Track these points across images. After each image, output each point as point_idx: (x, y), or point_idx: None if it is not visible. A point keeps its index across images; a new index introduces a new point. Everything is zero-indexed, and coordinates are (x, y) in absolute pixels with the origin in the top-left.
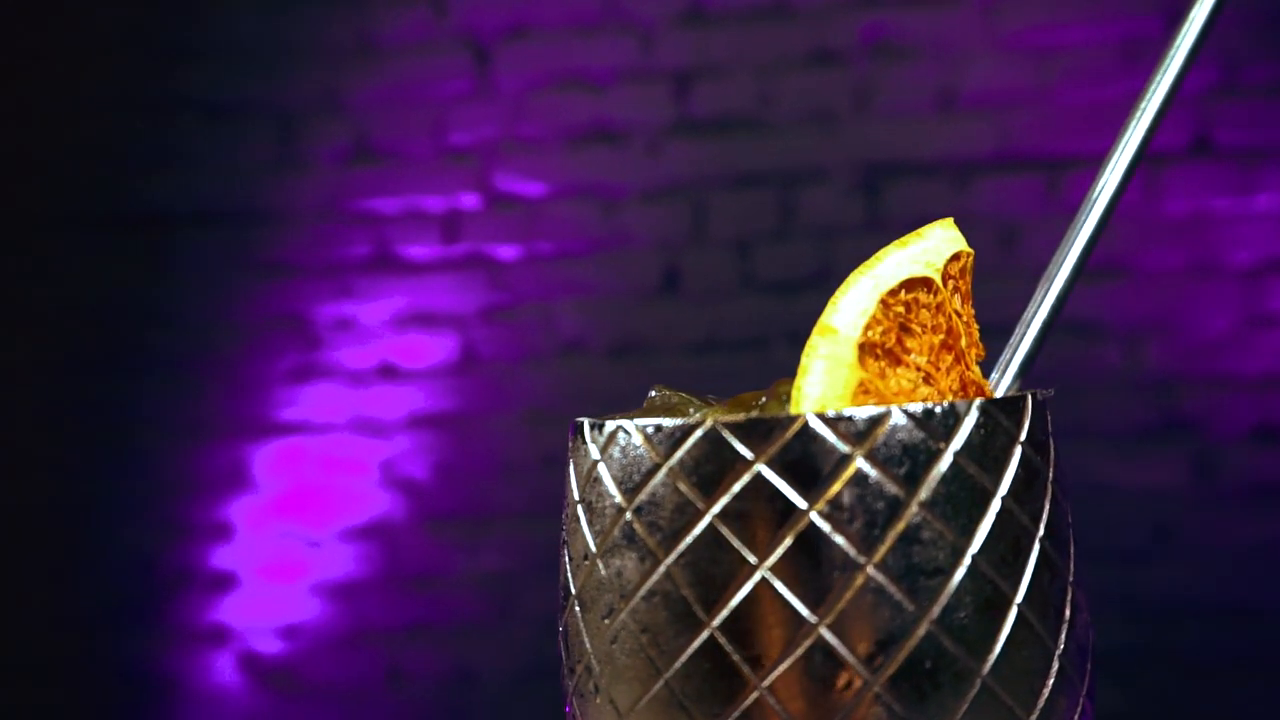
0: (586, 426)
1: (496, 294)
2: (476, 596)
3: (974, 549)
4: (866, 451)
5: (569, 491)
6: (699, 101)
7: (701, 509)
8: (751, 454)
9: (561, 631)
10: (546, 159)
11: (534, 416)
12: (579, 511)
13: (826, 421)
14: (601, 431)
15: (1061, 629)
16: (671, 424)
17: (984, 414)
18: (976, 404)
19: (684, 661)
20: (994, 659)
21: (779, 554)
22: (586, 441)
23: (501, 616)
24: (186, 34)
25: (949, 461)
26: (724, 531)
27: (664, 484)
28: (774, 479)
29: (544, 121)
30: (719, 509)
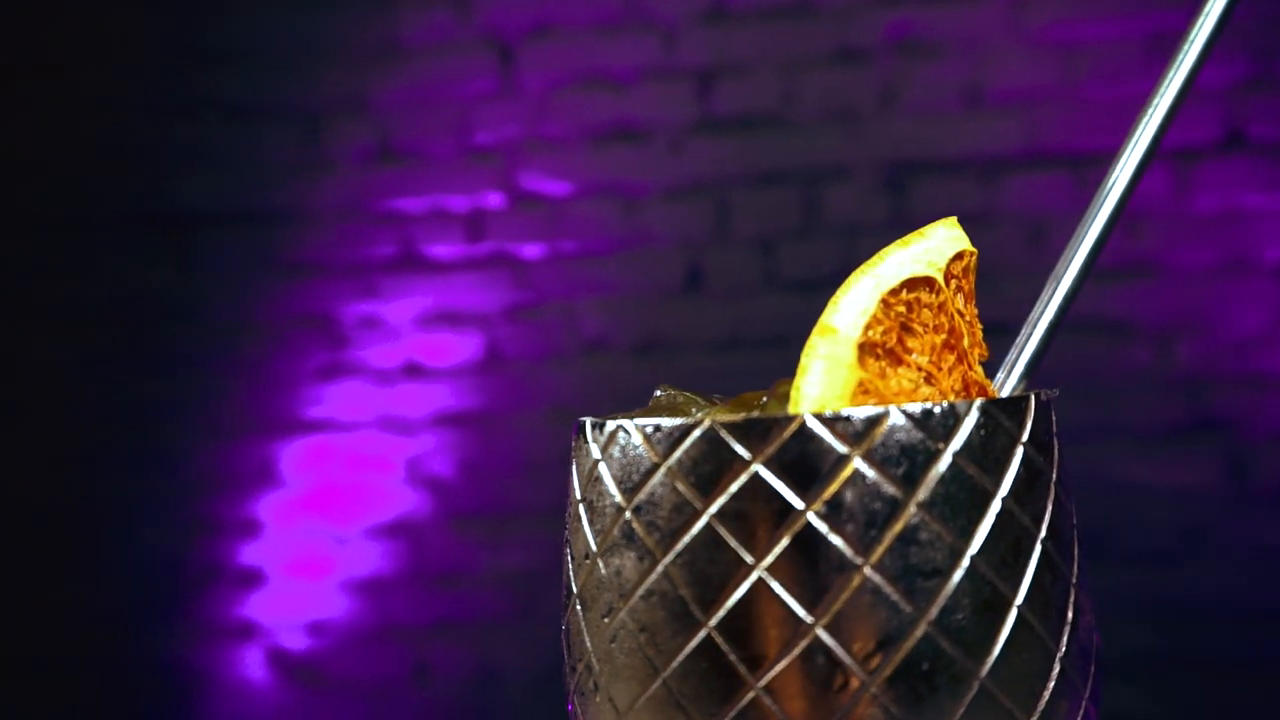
0: (588, 426)
1: (520, 293)
2: (501, 594)
3: (973, 550)
4: (864, 452)
5: (571, 490)
6: (722, 100)
7: (699, 509)
8: (749, 454)
9: (564, 630)
10: (570, 158)
11: (558, 415)
12: (580, 511)
13: (824, 421)
14: (602, 431)
15: (1064, 631)
16: (670, 424)
17: (984, 414)
18: (977, 404)
19: (681, 661)
20: (993, 661)
21: (776, 554)
22: (588, 441)
23: (525, 614)
24: (213, 36)
25: (948, 462)
26: (721, 531)
27: (662, 483)
28: (771, 479)
29: (567, 120)
30: (716, 509)
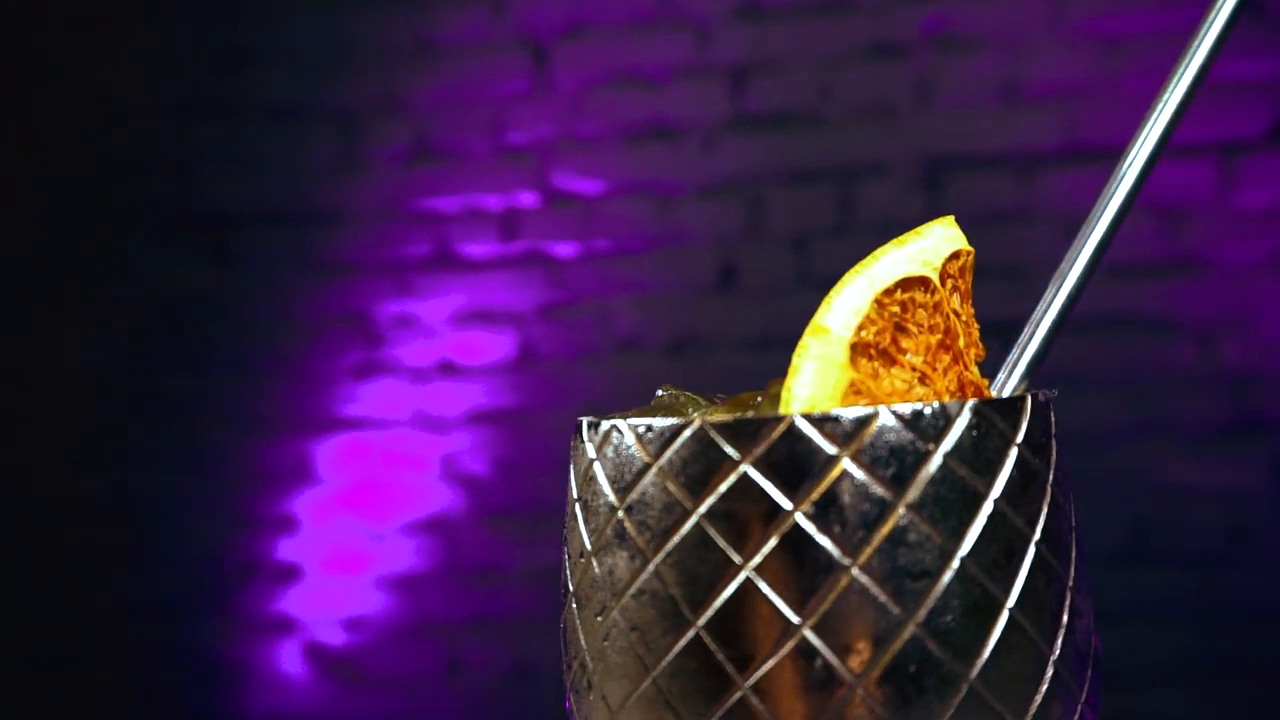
0: (584, 426)
1: (554, 291)
2: (534, 591)
3: (963, 551)
4: (853, 453)
5: (569, 490)
6: (756, 97)
7: (689, 508)
8: (738, 454)
9: (561, 628)
10: (603, 157)
11: (591, 413)
12: (576, 510)
13: (813, 422)
14: (597, 431)
15: (1058, 634)
16: (662, 424)
17: (977, 415)
18: (969, 405)
19: (671, 660)
20: (982, 663)
21: (764, 554)
22: (584, 440)
23: (558, 611)
24: (251, 39)
25: (938, 463)
26: (711, 531)
27: (654, 483)
28: (760, 479)
29: (601, 119)
30: (705, 509)
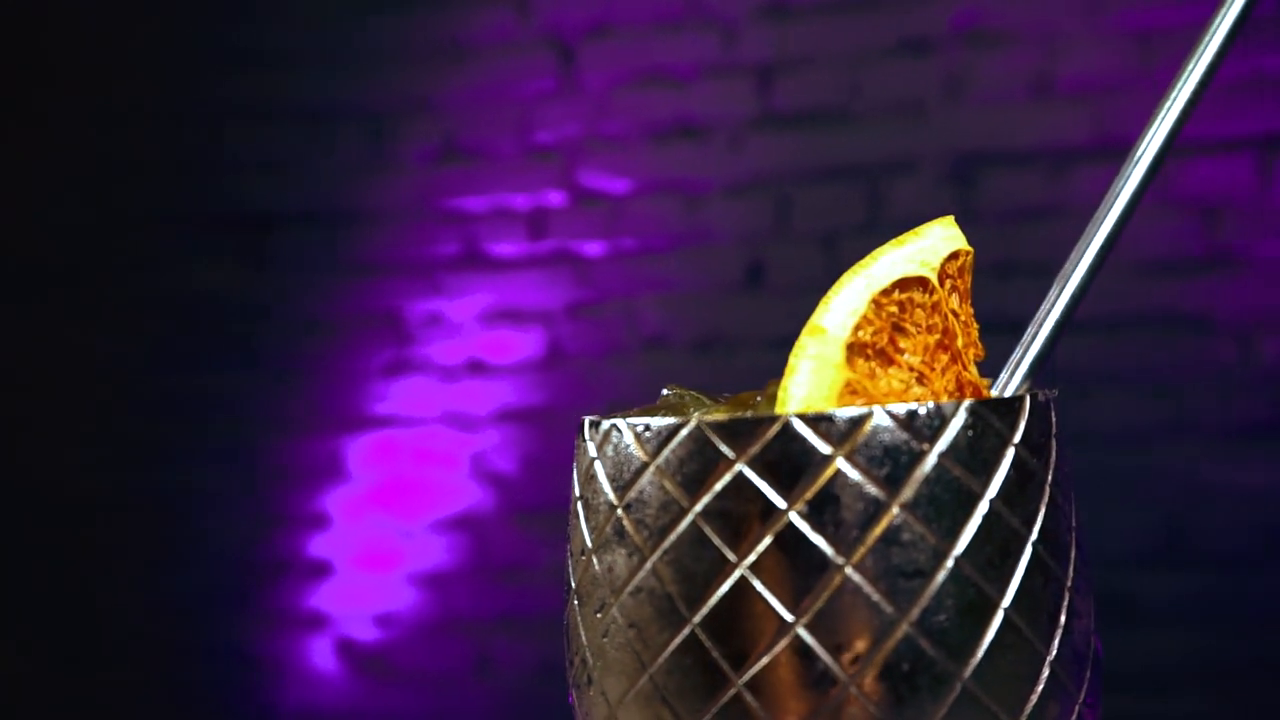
0: (586, 425)
1: (581, 290)
2: (562, 589)
3: (957, 551)
4: (847, 452)
5: (572, 488)
6: (783, 95)
7: (685, 507)
8: (733, 453)
9: (564, 625)
10: (630, 156)
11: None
12: (578, 508)
13: (808, 422)
14: (598, 430)
15: (1055, 634)
16: (659, 423)
17: (973, 415)
18: (965, 405)
19: (667, 656)
20: (976, 662)
21: (759, 552)
22: (586, 440)
23: None
24: (283, 42)
25: (933, 463)
26: (706, 530)
27: (651, 482)
28: (754, 478)
29: (627, 118)
30: (701, 507)
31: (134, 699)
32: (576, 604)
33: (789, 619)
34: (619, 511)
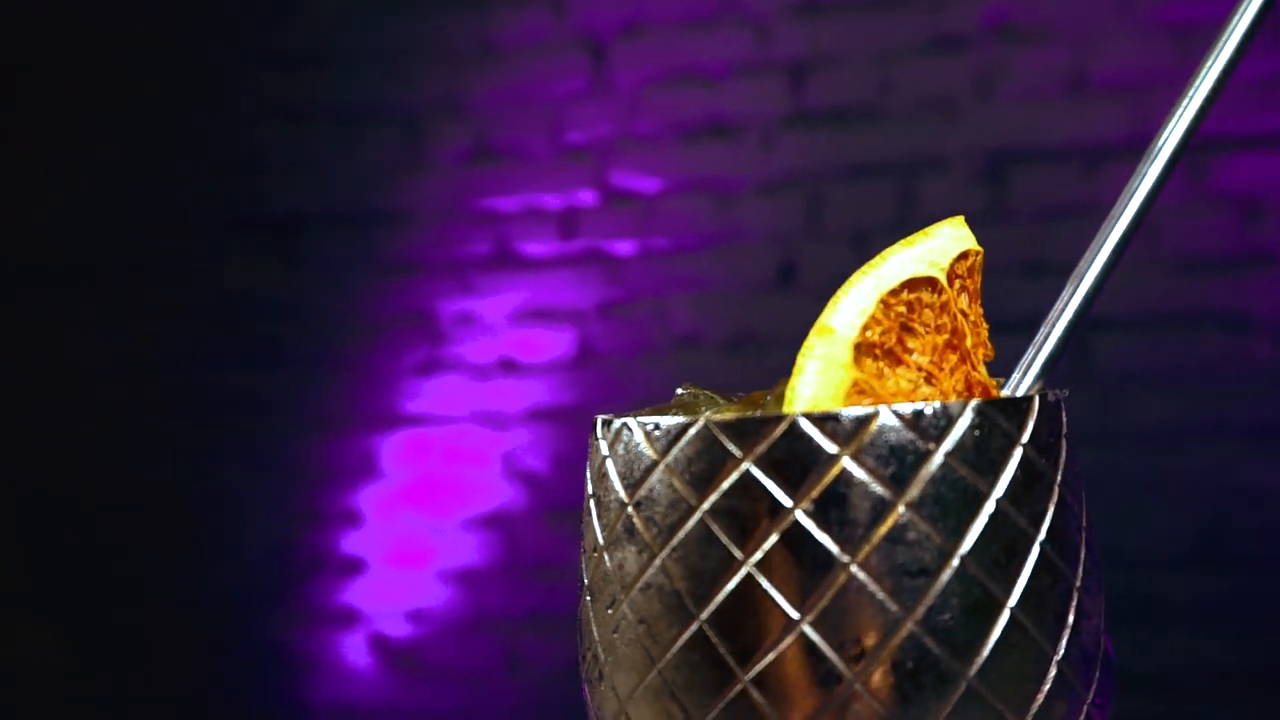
0: (599, 424)
1: (613, 289)
2: None
3: (963, 550)
4: (854, 451)
5: (585, 486)
6: (815, 93)
7: (694, 505)
8: (741, 452)
9: (577, 620)
10: (661, 155)
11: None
12: (591, 505)
13: (814, 421)
14: (610, 428)
15: (1062, 634)
16: (669, 422)
17: (980, 415)
18: (971, 405)
19: (675, 652)
20: (982, 661)
21: (765, 550)
22: (598, 438)
23: None
24: (316, 43)
25: (939, 462)
26: (714, 527)
27: (661, 480)
28: (761, 477)
29: (659, 117)
30: (709, 505)
31: (170, 694)
32: (589, 600)
33: (795, 616)
34: (629, 509)
